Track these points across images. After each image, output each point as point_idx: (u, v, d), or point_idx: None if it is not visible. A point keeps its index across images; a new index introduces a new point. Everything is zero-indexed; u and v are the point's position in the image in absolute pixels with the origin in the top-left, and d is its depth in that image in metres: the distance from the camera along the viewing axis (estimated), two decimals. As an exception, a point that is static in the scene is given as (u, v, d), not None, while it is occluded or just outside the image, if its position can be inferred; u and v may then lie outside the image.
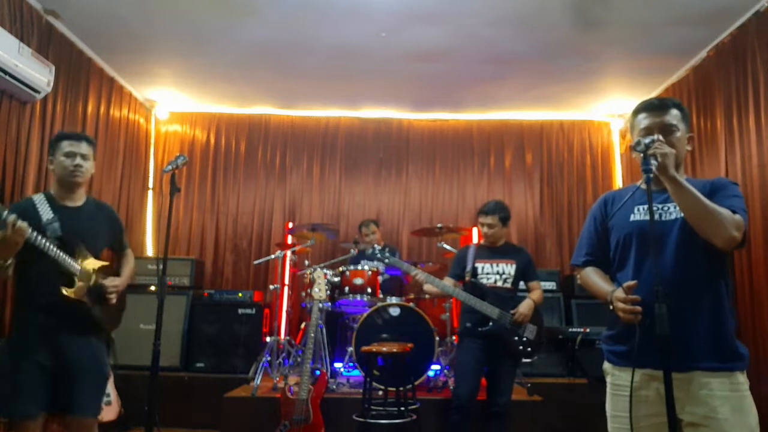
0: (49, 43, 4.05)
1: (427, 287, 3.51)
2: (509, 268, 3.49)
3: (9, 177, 3.68)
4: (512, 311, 3.35)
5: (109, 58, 4.84)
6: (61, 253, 2.34)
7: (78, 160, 2.47)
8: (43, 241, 2.27)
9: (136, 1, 3.93)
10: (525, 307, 3.37)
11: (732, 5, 3.87)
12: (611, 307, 1.70)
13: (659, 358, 1.53)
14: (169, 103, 5.92)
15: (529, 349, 3.37)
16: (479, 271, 3.50)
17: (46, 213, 2.40)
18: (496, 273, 3.48)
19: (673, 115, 1.76)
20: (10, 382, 2.30)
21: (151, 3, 3.96)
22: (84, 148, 2.51)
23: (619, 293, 1.65)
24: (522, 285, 3.56)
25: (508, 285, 3.47)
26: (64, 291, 2.34)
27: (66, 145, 2.48)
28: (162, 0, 3.93)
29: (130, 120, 5.41)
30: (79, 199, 2.55)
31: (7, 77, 3.45)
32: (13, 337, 2.45)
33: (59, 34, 4.22)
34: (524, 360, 3.42)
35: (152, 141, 5.94)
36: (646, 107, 1.80)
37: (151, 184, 5.86)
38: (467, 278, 3.49)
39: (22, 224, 2.13)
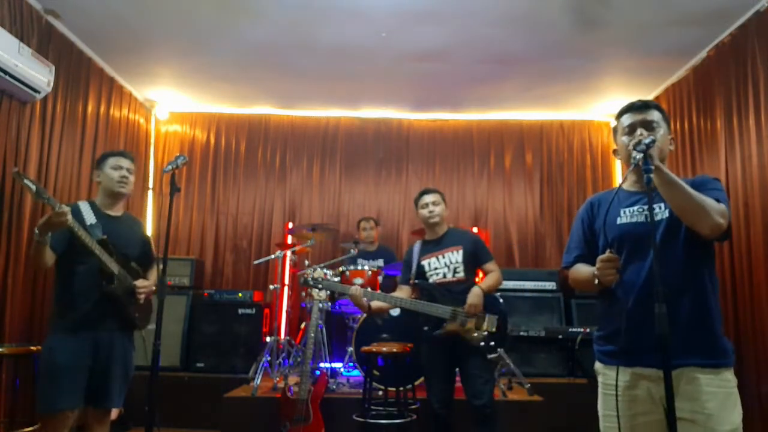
0: (49, 43, 4.05)
1: (373, 303, 3.19)
2: (455, 256, 3.20)
3: (9, 177, 3.68)
4: (464, 306, 3.04)
5: (109, 58, 4.84)
6: (105, 252, 2.52)
7: (124, 172, 2.73)
8: (85, 234, 2.45)
9: (136, 1, 3.93)
10: (472, 296, 3.04)
11: (732, 5, 3.86)
12: (597, 281, 1.69)
13: (648, 355, 1.57)
14: (169, 103, 5.92)
15: (492, 343, 3.05)
16: (426, 268, 3.23)
17: (89, 217, 2.61)
18: (444, 266, 3.20)
19: (655, 115, 1.84)
20: (52, 379, 2.45)
21: (151, 3, 3.96)
22: (128, 163, 2.77)
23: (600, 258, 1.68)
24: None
25: (459, 275, 3.17)
26: (105, 286, 2.53)
27: (112, 161, 2.74)
28: (162, 0, 3.93)
29: (130, 120, 5.41)
30: (118, 211, 2.79)
31: (7, 77, 3.45)
32: (54, 335, 2.55)
33: (59, 34, 4.22)
34: (489, 356, 3.06)
35: (152, 141, 5.94)
36: (629, 108, 1.89)
37: (151, 184, 5.86)
38: (411, 281, 3.23)
39: (64, 207, 2.31)
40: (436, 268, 3.22)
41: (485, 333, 3.04)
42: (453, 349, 3.10)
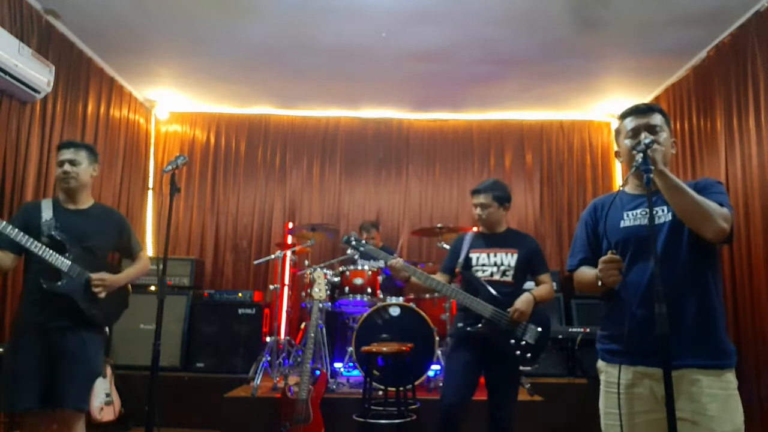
0: (49, 43, 4.05)
1: (412, 279, 2.98)
2: (509, 259, 2.96)
3: (9, 177, 3.68)
4: (510, 309, 2.83)
5: (109, 58, 4.84)
6: (45, 248, 2.44)
7: (66, 167, 2.59)
8: (16, 232, 2.38)
9: (136, 1, 3.93)
10: (521, 302, 2.82)
11: (732, 5, 3.86)
12: (601, 283, 1.71)
13: (652, 356, 1.57)
14: (169, 103, 5.92)
15: (528, 354, 2.82)
16: (473, 261, 2.99)
17: (47, 214, 2.52)
18: (493, 264, 2.96)
19: (658, 119, 1.85)
20: (8, 379, 2.41)
21: (151, 3, 3.96)
22: (69, 153, 2.61)
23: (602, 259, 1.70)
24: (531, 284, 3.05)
25: (507, 278, 2.94)
26: (44, 284, 2.43)
27: (58, 155, 2.63)
28: (162, 0, 3.93)
29: (130, 120, 5.41)
30: (83, 203, 2.67)
31: (7, 77, 3.45)
32: (11, 335, 2.55)
33: (59, 34, 4.22)
34: (522, 368, 2.90)
35: (152, 141, 5.93)
36: (632, 111, 1.89)
37: (151, 184, 5.83)
38: (457, 270, 3.02)
39: None
40: (483, 265, 2.98)
41: (522, 343, 2.83)
42: (482, 352, 2.87)
